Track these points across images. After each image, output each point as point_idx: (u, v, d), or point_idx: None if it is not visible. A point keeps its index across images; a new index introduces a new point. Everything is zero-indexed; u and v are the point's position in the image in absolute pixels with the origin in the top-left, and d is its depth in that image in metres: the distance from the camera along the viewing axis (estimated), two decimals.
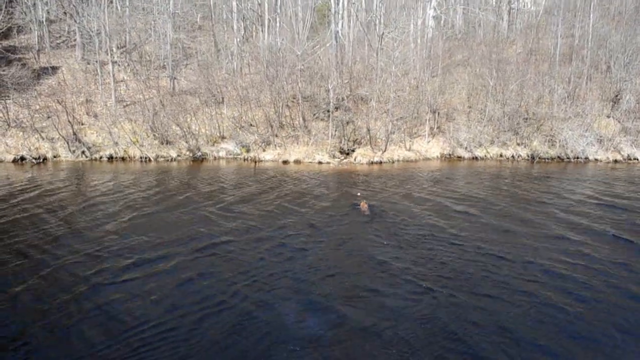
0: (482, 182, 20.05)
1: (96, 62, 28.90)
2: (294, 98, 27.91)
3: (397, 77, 29.18)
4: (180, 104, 27.34)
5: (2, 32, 29.67)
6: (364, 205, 15.33)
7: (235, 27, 35.25)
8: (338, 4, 34.88)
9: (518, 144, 27.53)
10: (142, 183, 18.66)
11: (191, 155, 24.99)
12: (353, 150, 25.91)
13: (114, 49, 31.59)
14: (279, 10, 36.66)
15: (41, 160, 23.58)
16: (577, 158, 26.75)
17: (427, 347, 7.11)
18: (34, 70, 29.21)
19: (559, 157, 26.82)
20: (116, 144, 24.82)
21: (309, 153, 25.22)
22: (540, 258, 10.70)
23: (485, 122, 27.76)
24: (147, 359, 6.72)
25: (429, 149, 27.09)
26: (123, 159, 24.53)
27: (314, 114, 27.85)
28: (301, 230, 12.58)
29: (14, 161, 23.24)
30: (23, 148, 23.92)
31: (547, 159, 26.78)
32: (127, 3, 36.29)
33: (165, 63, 31.45)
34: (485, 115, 27.89)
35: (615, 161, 26.88)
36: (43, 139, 24.52)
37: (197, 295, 8.71)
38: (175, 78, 30.06)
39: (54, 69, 30.43)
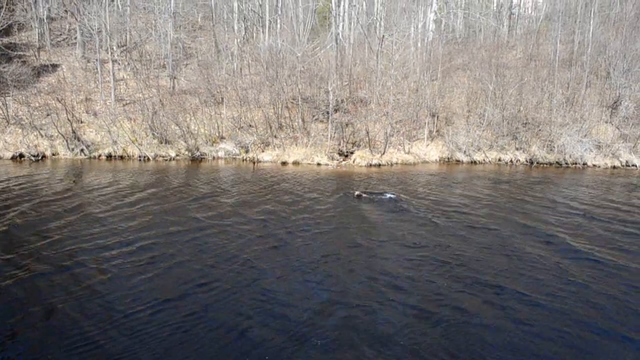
0: (480, 186, 20.07)
1: (96, 60, 28.91)
2: (293, 99, 27.94)
3: (397, 80, 29.23)
4: (179, 103, 27.34)
5: (3, 29, 29.67)
6: (359, 195, 16.58)
7: (235, 27, 35.31)
8: (339, 7, 34.99)
9: (517, 149, 27.57)
10: (139, 182, 18.63)
11: (190, 155, 24.99)
12: (352, 153, 25.94)
13: (115, 48, 31.62)
14: (279, 12, 36.70)
15: (40, 157, 23.55)
16: (575, 164, 26.78)
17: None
18: (34, 67, 29.20)
19: (557, 162, 26.85)
20: (115, 142, 24.82)
21: (307, 154, 25.24)
22: (529, 265, 10.73)
23: (484, 126, 27.82)
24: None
25: (428, 152, 27.13)
26: (122, 157, 24.51)
27: (313, 116, 27.88)
28: (293, 228, 12.60)
29: (13, 158, 23.21)
30: (22, 145, 23.89)
31: (546, 164, 26.82)
32: (128, 2, 36.31)
33: (165, 62, 31.49)
34: (485, 119, 27.95)
35: (614, 167, 26.91)
36: (42, 136, 24.51)
37: (170, 286, 8.95)
38: (175, 77, 30.08)
39: (54, 66, 30.44)
